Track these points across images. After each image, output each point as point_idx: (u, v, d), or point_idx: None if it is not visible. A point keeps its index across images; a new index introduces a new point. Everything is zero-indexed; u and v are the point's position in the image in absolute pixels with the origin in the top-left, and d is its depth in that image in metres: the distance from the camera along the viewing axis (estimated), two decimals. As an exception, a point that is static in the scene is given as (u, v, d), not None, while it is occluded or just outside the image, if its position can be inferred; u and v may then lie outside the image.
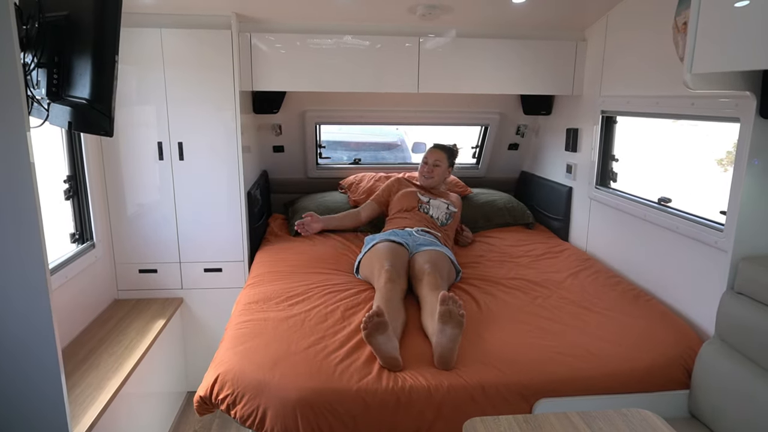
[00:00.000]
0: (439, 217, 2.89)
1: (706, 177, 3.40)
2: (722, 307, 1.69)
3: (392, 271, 2.22)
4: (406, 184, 3.12)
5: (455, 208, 3.00)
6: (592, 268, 2.59)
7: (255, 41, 2.72)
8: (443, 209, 2.93)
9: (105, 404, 1.86)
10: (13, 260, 1.36)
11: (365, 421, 1.62)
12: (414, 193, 2.98)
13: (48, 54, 1.46)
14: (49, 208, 1.94)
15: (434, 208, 2.92)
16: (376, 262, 2.35)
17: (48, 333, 1.41)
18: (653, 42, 2.28)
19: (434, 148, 3.08)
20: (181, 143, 2.68)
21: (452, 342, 1.73)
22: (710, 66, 1.46)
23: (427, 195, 3.01)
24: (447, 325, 1.75)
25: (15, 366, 1.43)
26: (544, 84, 2.97)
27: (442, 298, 1.81)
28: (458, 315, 1.77)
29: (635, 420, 1.23)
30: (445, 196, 3.08)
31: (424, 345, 1.87)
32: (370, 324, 1.73)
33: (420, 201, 2.93)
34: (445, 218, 2.90)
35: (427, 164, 3.04)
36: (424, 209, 2.91)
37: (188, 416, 2.77)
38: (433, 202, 2.94)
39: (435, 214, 2.90)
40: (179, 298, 2.85)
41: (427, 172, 3.04)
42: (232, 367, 1.74)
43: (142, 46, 2.54)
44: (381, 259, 2.34)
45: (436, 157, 3.03)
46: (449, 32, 2.83)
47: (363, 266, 2.48)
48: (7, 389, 1.44)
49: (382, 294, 2.09)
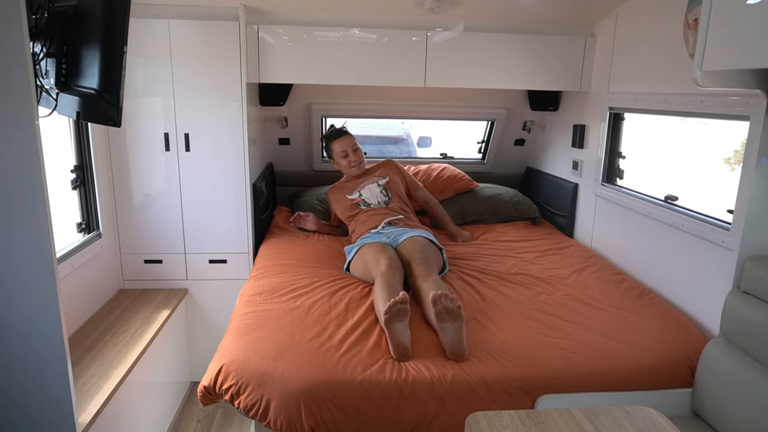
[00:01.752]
0: (379, 200, 2.82)
1: (713, 175, 3.38)
2: (727, 306, 1.69)
3: (391, 258, 2.21)
4: (334, 193, 3.00)
5: (384, 177, 2.93)
6: (597, 265, 2.58)
7: (262, 33, 2.72)
8: (376, 190, 2.85)
9: (110, 393, 1.88)
10: (21, 249, 1.37)
11: (368, 413, 1.62)
12: (343, 198, 2.89)
13: (57, 44, 1.46)
14: (56, 197, 1.95)
15: (368, 197, 2.84)
16: (369, 257, 2.32)
17: (55, 322, 1.43)
18: (663, 38, 2.27)
19: (342, 137, 2.93)
20: (187, 134, 2.68)
21: (458, 335, 1.73)
22: (721, 63, 1.45)
23: (355, 189, 2.90)
24: (446, 322, 1.75)
25: (23, 354, 1.44)
26: (551, 79, 2.95)
27: (432, 299, 1.78)
28: (455, 309, 1.75)
29: (638, 417, 1.23)
30: (369, 174, 2.97)
31: (427, 336, 1.88)
32: (393, 309, 1.73)
33: (353, 201, 2.84)
34: (383, 196, 2.83)
35: (348, 156, 2.91)
36: (363, 205, 2.82)
37: (192, 406, 2.79)
38: (364, 191, 2.85)
39: (374, 201, 2.82)
40: (184, 289, 2.86)
41: (355, 161, 2.92)
42: (237, 358, 1.75)
43: (150, 37, 2.54)
44: (374, 252, 2.32)
45: (352, 142, 2.93)
46: (457, 26, 2.82)
47: (354, 268, 2.44)
48: (14, 377, 1.46)
49: (385, 281, 2.06)
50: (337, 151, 2.91)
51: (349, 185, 2.94)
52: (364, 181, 2.92)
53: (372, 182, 2.88)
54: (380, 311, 1.85)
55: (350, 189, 2.91)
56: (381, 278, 2.10)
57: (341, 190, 2.96)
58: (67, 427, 1.51)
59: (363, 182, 2.91)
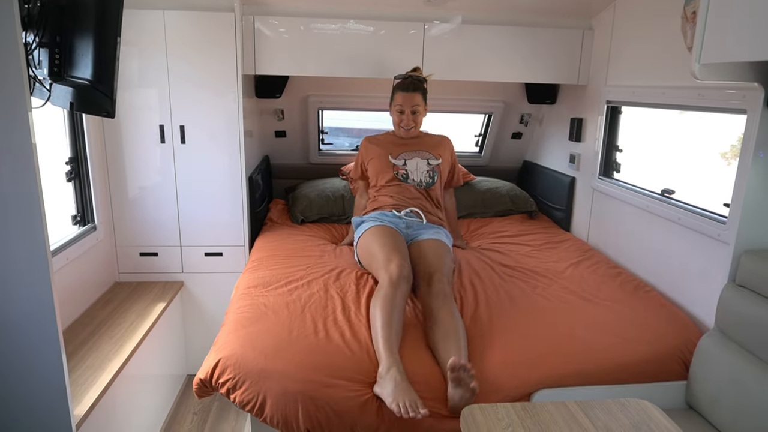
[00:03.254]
0: (422, 180, 2.56)
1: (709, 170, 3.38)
2: (723, 300, 1.69)
3: (402, 266, 2.02)
4: (374, 146, 2.69)
5: (438, 157, 2.62)
6: (593, 258, 2.59)
7: (258, 24, 2.69)
8: (423, 167, 2.57)
9: (105, 386, 1.87)
10: (14, 242, 1.36)
11: (365, 415, 1.61)
12: (384, 157, 2.60)
13: (50, 34, 1.44)
14: (50, 189, 1.94)
15: (413, 170, 2.57)
16: (379, 252, 2.17)
17: (49, 315, 1.42)
18: (661, 32, 2.26)
19: (408, 91, 2.54)
20: (183, 126, 2.66)
21: (463, 402, 1.58)
22: (719, 56, 1.44)
23: (401, 154, 2.60)
24: (458, 388, 1.59)
25: (16, 347, 1.44)
26: (549, 73, 2.94)
27: (452, 365, 1.56)
28: (470, 385, 1.57)
29: (633, 410, 1.24)
30: (423, 145, 2.65)
31: (424, 339, 1.86)
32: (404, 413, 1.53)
33: (395, 167, 2.57)
34: (428, 178, 2.56)
35: (404, 113, 2.57)
36: (402, 176, 2.56)
37: (188, 399, 2.79)
38: (410, 162, 2.57)
39: (416, 178, 2.57)
40: (180, 282, 2.85)
41: (406, 122, 2.58)
42: (234, 352, 1.74)
43: (144, 27, 2.52)
44: (386, 248, 2.16)
45: (414, 102, 2.55)
46: (455, 19, 2.80)
47: (361, 255, 2.34)
48: (8, 370, 1.45)
49: (388, 300, 1.88)
50: (396, 102, 2.58)
51: (394, 146, 2.64)
52: (414, 149, 2.61)
53: (424, 156, 2.58)
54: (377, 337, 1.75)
55: (395, 151, 2.61)
56: (386, 292, 1.93)
57: (383, 147, 2.66)
58: (62, 419, 1.50)
59: (411, 150, 2.61)
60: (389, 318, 1.81)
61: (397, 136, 2.67)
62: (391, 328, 1.77)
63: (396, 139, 2.68)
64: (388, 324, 1.78)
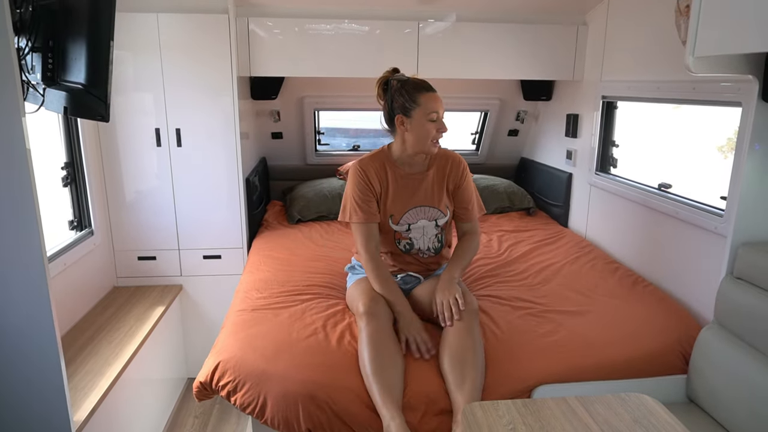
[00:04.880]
0: (429, 247, 2.00)
1: (705, 163, 3.39)
2: (721, 293, 1.69)
3: (369, 303, 1.77)
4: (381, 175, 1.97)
5: (446, 212, 2.00)
6: (591, 254, 2.59)
7: (253, 26, 2.69)
8: (431, 232, 1.98)
9: (105, 391, 1.87)
10: (11, 248, 1.36)
11: (366, 416, 1.61)
12: (384, 211, 1.97)
13: (42, 38, 1.44)
14: (47, 195, 1.93)
15: (418, 237, 1.98)
16: (354, 295, 1.91)
17: (47, 320, 1.41)
18: (655, 26, 2.26)
19: (434, 92, 1.90)
20: (179, 129, 2.66)
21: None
22: (713, 49, 1.44)
23: (405, 214, 1.96)
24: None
25: (16, 354, 1.43)
26: (544, 69, 2.95)
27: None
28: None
29: (633, 404, 1.23)
30: (430, 191, 1.98)
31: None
32: None
33: (395, 234, 1.98)
34: (437, 242, 2.01)
35: (437, 121, 1.90)
36: (404, 246, 1.99)
37: (189, 402, 2.79)
38: (415, 228, 1.97)
39: (422, 245, 2.00)
40: (178, 285, 2.85)
41: (443, 129, 1.92)
42: (234, 355, 1.74)
43: (138, 31, 2.51)
44: (359, 290, 1.90)
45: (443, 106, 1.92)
46: (449, 17, 2.80)
47: (348, 301, 2.02)
48: (7, 377, 1.45)
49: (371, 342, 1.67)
50: (426, 108, 1.87)
51: (396, 195, 1.97)
52: (419, 204, 1.97)
53: (431, 217, 1.98)
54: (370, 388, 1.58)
55: (397, 209, 1.97)
56: (363, 335, 1.71)
57: (391, 185, 1.98)
58: (62, 425, 1.50)
59: (417, 207, 1.97)
60: (376, 364, 1.61)
61: (397, 167, 1.98)
62: (382, 376, 1.58)
63: (398, 173, 1.98)
64: (377, 372, 1.59)
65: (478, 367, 1.63)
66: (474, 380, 1.60)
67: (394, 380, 1.60)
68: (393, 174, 1.97)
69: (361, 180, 1.94)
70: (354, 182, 1.95)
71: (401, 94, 1.90)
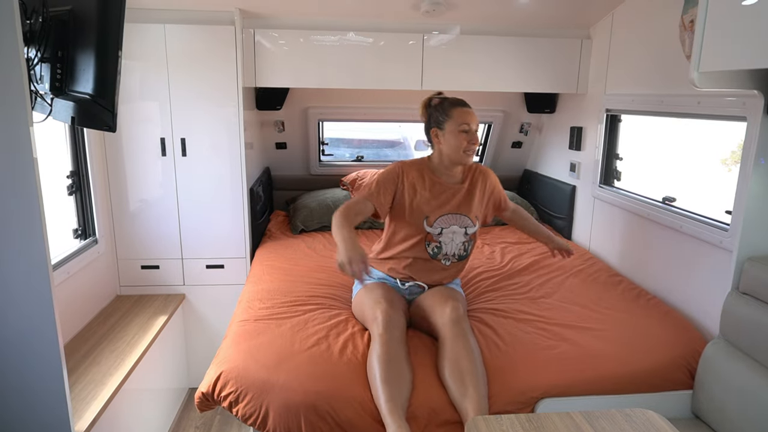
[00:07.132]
0: (455, 253, 2.08)
1: (710, 176, 3.38)
2: (727, 307, 1.69)
3: (388, 314, 1.80)
4: (417, 186, 2.06)
5: (475, 222, 2.09)
6: (595, 266, 2.58)
7: (258, 37, 2.71)
8: (459, 239, 2.06)
9: (107, 400, 1.86)
10: (15, 255, 1.36)
11: (369, 425, 1.60)
12: (422, 211, 2.04)
13: (51, 49, 1.45)
14: (52, 203, 1.94)
15: (447, 242, 2.05)
16: (367, 303, 1.93)
17: (50, 329, 1.41)
18: (659, 40, 2.27)
19: (466, 106, 2.05)
20: (183, 139, 2.67)
21: None
22: (718, 64, 1.45)
23: (439, 218, 2.03)
24: None
25: (17, 362, 1.43)
26: (548, 82, 2.96)
27: None
28: None
29: (638, 420, 1.22)
30: (464, 201, 2.08)
31: (424, 349, 1.84)
32: None
33: (427, 236, 2.04)
34: (462, 251, 2.09)
35: (470, 132, 2.00)
36: (433, 250, 2.05)
37: (190, 412, 2.77)
38: (446, 232, 2.03)
39: (449, 251, 2.07)
40: (181, 295, 2.85)
41: (475, 140, 2.02)
42: (236, 365, 1.73)
43: (145, 41, 2.54)
44: (373, 299, 1.92)
45: (476, 118, 2.04)
46: (453, 29, 2.82)
47: (355, 311, 2.05)
48: (9, 385, 1.44)
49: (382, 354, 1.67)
50: (457, 120, 1.99)
51: (434, 199, 2.05)
52: (454, 211, 2.06)
53: (462, 224, 2.06)
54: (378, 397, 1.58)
55: (433, 211, 2.04)
56: (376, 343, 1.73)
57: (428, 190, 2.06)
58: (63, 435, 1.49)
59: (451, 213, 2.05)
60: (387, 372, 1.61)
61: (435, 175, 2.08)
62: (391, 385, 1.59)
63: (435, 180, 2.08)
64: (387, 380, 1.60)
65: (477, 372, 1.64)
66: (476, 386, 1.60)
67: (402, 391, 1.60)
68: (430, 180, 2.09)
69: (395, 174, 2.08)
70: (387, 171, 2.09)
71: (437, 110, 2.08)
